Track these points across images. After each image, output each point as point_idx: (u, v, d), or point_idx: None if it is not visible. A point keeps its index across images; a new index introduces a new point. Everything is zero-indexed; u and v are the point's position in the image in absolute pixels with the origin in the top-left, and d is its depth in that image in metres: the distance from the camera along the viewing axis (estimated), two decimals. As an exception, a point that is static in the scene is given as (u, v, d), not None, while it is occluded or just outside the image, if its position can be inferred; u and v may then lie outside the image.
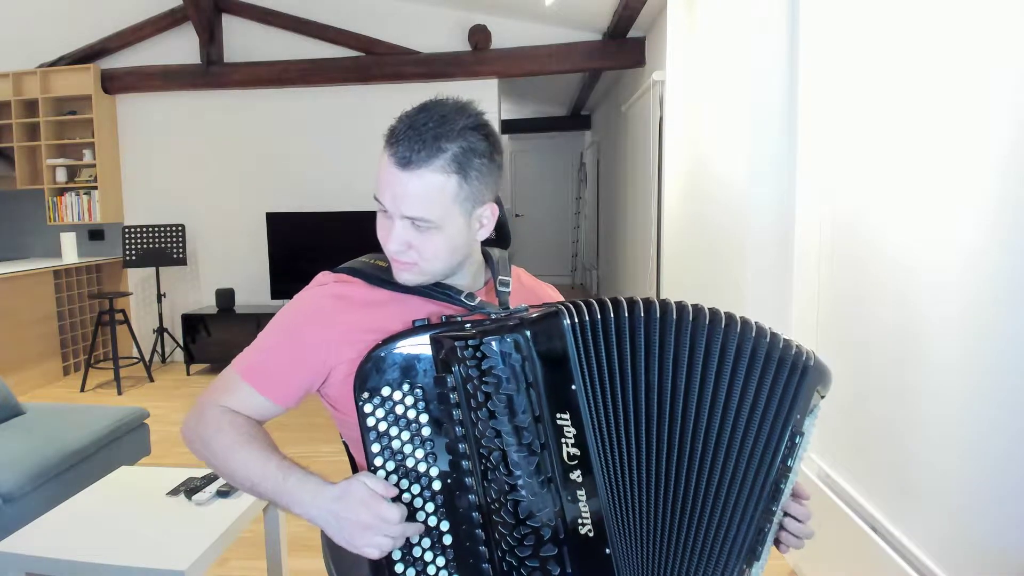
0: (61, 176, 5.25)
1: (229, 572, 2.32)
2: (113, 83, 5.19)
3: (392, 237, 0.91)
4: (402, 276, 0.95)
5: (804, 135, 2.19)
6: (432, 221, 0.89)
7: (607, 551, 0.83)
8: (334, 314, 0.96)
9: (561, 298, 1.16)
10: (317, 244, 5.06)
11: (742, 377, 0.87)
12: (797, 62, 2.22)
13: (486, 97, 5.14)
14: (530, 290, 1.13)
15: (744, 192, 2.36)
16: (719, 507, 0.88)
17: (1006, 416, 1.29)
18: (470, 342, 0.83)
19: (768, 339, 0.88)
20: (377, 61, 5.04)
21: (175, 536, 1.65)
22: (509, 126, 8.51)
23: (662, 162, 3.93)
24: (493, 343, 0.82)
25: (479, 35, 4.95)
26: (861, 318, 1.84)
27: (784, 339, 0.90)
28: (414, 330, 0.88)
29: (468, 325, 0.87)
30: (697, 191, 2.98)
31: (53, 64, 5.16)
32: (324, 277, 1.02)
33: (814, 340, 2.12)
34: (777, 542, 0.97)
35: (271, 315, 1.03)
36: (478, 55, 5.00)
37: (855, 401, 1.88)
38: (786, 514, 0.96)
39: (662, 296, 1.08)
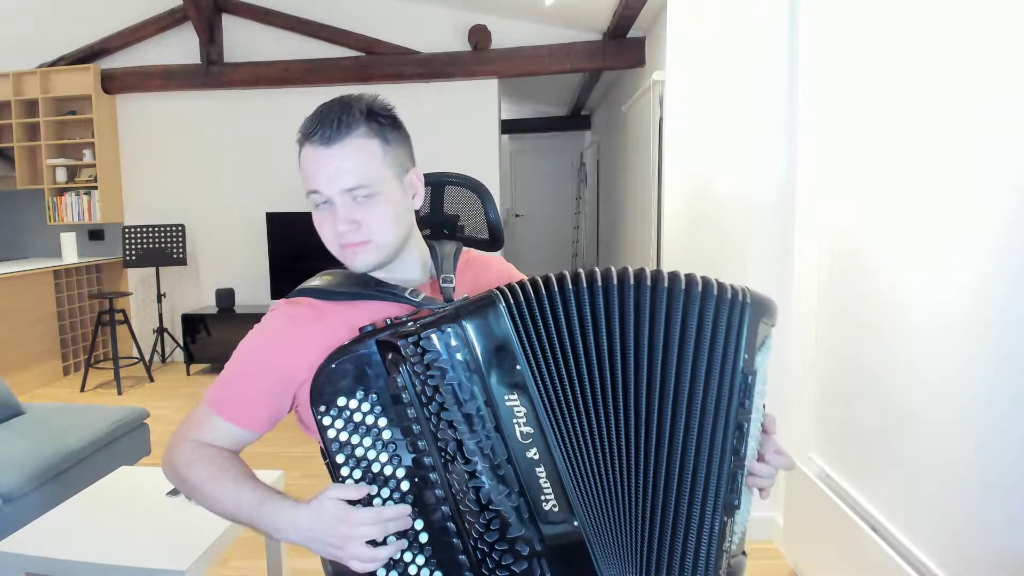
0: (61, 176, 5.25)
1: (229, 572, 2.32)
2: (113, 83, 5.19)
3: (339, 219, 0.92)
4: (358, 260, 0.95)
5: (804, 135, 2.19)
6: (371, 186, 0.91)
7: (575, 523, 0.85)
8: (288, 335, 0.97)
9: (515, 273, 1.16)
10: (317, 244, 4.91)
11: (678, 327, 0.88)
12: (797, 62, 2.22)
13: (486, 97, 5.15)
14: (477, 267, 1.13)
15: (744, 193, 2.36)
16: (681, 461, 0.88)
17: (1007, 415, 1.29)
18: (410, 339, 0.85)
19: (700, 286, 0.89)
20: (377, 61, 5.04)
21: (175, 536, 1.65)
22: (509, 126, 8.50)
23: (662, 162, 3.93)
24: (433, 336, 0.84)
25: (479, 35, 4.95)
26: (861, 318, 1.84)
27: (717, 282, 0.90)
28: (360, 338, 0.90)
29: (411, 324, 0.88)
30: (697, 191, 2.98)
31: (53, 64, 5.16)
32: (276, 303, 1.03)
33: (814, 340, 2.12)
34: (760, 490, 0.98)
35: (271, 315, 1.03)
36: (478, 55, 5.00)
37: (855, 400, 1.88)
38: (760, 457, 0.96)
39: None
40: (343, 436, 0.88)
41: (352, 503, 0.86)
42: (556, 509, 0.85)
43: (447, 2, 4.93)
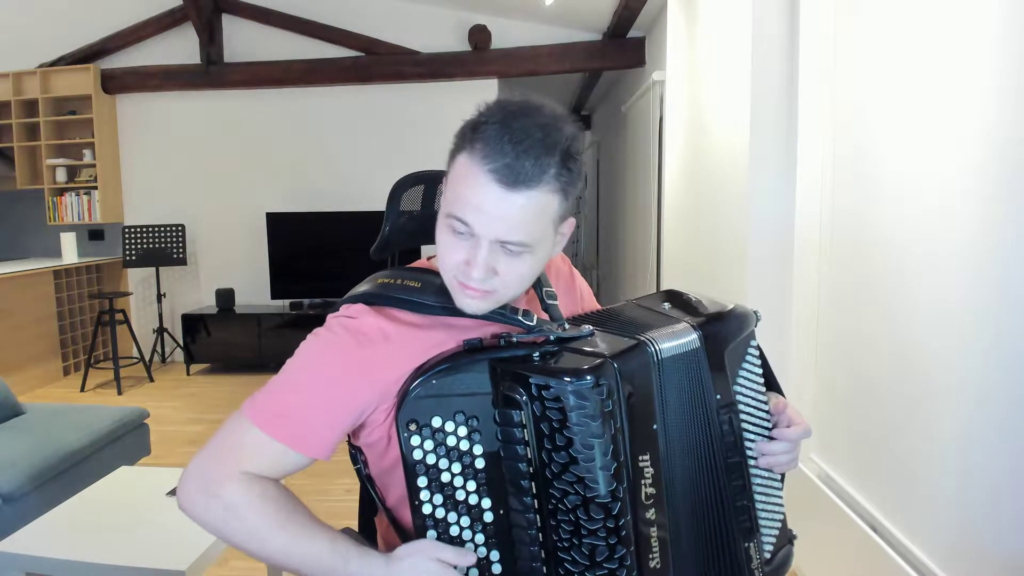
0: (61, 176, 5.25)
1: (229, 572, 2.32)
2: (113, 83, 5.19)
3: (478, 263, 0.77)
4: (470, 304, 0.82)
5: (804, 135, 2.19)
6: (530, 245, 0.78)
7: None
8: (373, 350, 0.82)
9: (575, 270, 1.12)
10: (317, 244, 5.06)
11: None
12: (797, 59, 2.22)
13: (486, 97, 5.13)
14: (556, 272, 1.06)
15: (744, 192, 2.36)
16: (696, 501, 0.88)
17: (1007, 416, 1.29)
18: (552, 382, 0.75)
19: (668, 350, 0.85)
20: (377, 61, 5.04)
21: (175, 536, 1.65)
22: (509, 126, 8.48)
23: (662, 162, 3.93)
24: (583, 386, 0.75)
25: (479, 35, 4.94)
26: (861, 318, 1.84)
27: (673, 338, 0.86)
28: (467, 352, 0.81)
29: (536, 354, 0.79)
30: (697, 191, 2.98)
31: (53, 64, 5.16)
32: (352, 309, 0.85)
33: (814, 340, 2.12)
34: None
35: (271, 315, 1.01)
36: (478, 55, 5.00)
37: (855, 401, 1.88)
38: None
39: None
40: (430, 459, 0.80)
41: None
42: (659, 567, 0.82)
43: (447, 2, 4.93)
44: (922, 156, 1.55)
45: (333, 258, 4.99)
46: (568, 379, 0.75)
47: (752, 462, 0.94)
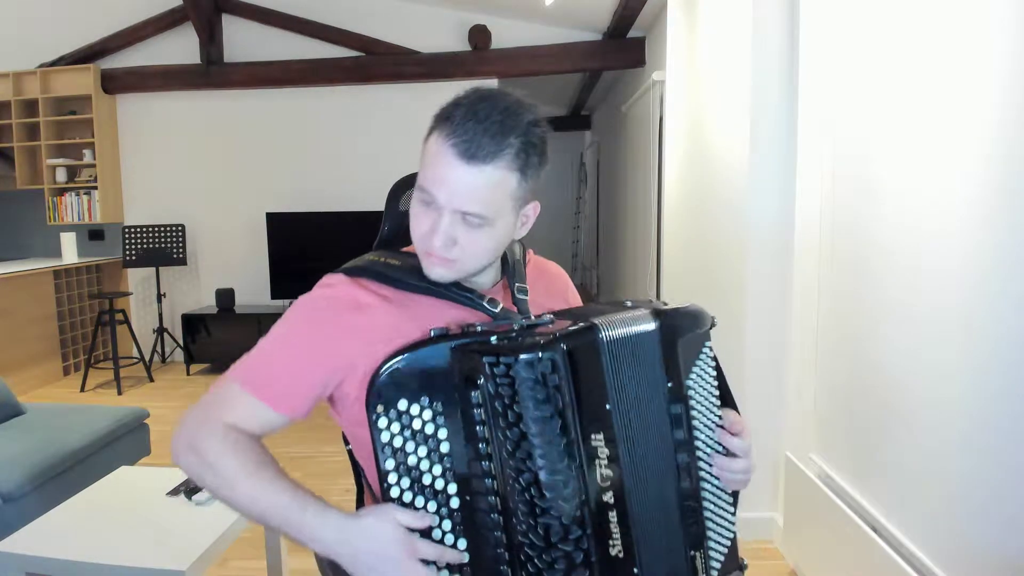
0: (61, 176, 5.25)
1: (229, 572, 2.32)
2: (113, 83, 5.19)
3: (439, 232, 0.84)
4: (434, 271, 0.88)
5: (804, 134, 2.19)
6: (487, 218, 0.84)
7: (636, 571, 0.83)
8: (346, 316, 0.89)
9: (571, 284, 1.15)
10: (317, 244, 5.06)
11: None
12: (797, 60, 2.23)
13: (486, 97, 5.14)
14: (547, 276, 1.10)
15: (744, 192, 2.36)
16: (648, 511, 0.86)
17: (1007, 416, 1.29)
18: (502, 359, 0.78)
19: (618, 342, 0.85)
20: (377, 61, 5.04)
21: (175, 536, 1.65)
22: (509, 126, 8.49)
23: (662, 162, 3.93)
24: (528, 361, 0.77)
25: (479, 35, 4.95)
26: (861, 318, 1.84)
27: (621, 331, 0.86)
28: (433, 340, 0.84)
29: (494, 338, 0.82)
30: (697, 191, 2.98)
31: (53, 64, 5.16)
32: (332, 278, 0.93)
33: (814, 340, 2.12)
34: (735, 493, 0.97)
35: (271, 315, 1.02)
36: (478, 55, 5.01)
37: (855, 401, 1.88)
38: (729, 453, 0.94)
39: (662, 297, 1.08)
40: (397, 442, 0.82)
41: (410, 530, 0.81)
42: (621, 556, 0.82)
43: (447, 2, 4.93)
44: (923, 153, 1.55)
45: (333, 258, 4.89)
46: (516, 355, 0.78)
47: (704, 468, 0.92)
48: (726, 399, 0.99)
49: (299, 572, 2.18)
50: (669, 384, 0.88)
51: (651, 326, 0.87)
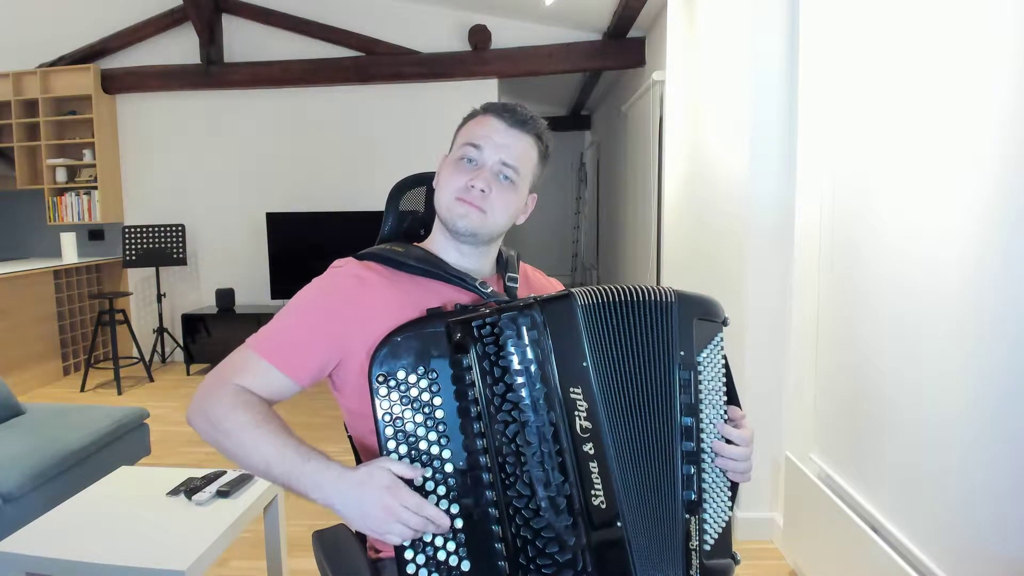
0: (61, 176, 5.25)
1: (229, 572, 2.32)
2: (113, 83, 5.19)
3: (479, 177, 1.00)
4: (466, 219, 1.01)
5: (804, 134, 2.19)
6: (519, 175, 1.02)
7: (619, 523, 0.89)
8: (353, 294, 0.99)
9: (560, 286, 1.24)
10: (317, 244, 5.06)
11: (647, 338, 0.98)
12: (797, 61, 2.23)
13: (486, 97, 5.14)
14: (538, 285, 1.20)
15: (744, 192, 2.36)
16: (646, 464, 0.94)
17: (1007, 416, 1.29)
18: (487, 319, 0.88)
19: (636, 294, 0.97)
20: (377, 61, 5.04)
21: (175, 536, 1.65)
22: (509, 126, 8.48)
23: (662, 162, 3.93)
24: (510, 318, 0.88)
25: (479, 35, 4.95)
26: (861, 318, 1.84)
27: (643, 290, 0.98)
28: (429, 317, 0.93)
29: (484, 310, 0.92)
30: (697, 191, 2.98)
31: (53, 64, 5.16)
32: (342, 260, 1.05)
33: (814, 340, 2.12)
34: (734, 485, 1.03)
35: (271, 315, 1.04)
36: (478, 55, 5.01)
37: (855, 401, 1.88)
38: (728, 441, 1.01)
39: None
40: (396, 409, 0.88)
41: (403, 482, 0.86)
42: (604, 506, 0.88)
43: (447, 2, 4.93)
44: (924, 151, 1.55)
45: (333, 258, 4.91)
46: (500, 314, 0.89)
47: (705, 442, 0.98)
48: (731, 396, 1.04)
49: (299, 572, 2.18)
50: (682, 352, 0.97)
51: (672, 300, 0.99)
